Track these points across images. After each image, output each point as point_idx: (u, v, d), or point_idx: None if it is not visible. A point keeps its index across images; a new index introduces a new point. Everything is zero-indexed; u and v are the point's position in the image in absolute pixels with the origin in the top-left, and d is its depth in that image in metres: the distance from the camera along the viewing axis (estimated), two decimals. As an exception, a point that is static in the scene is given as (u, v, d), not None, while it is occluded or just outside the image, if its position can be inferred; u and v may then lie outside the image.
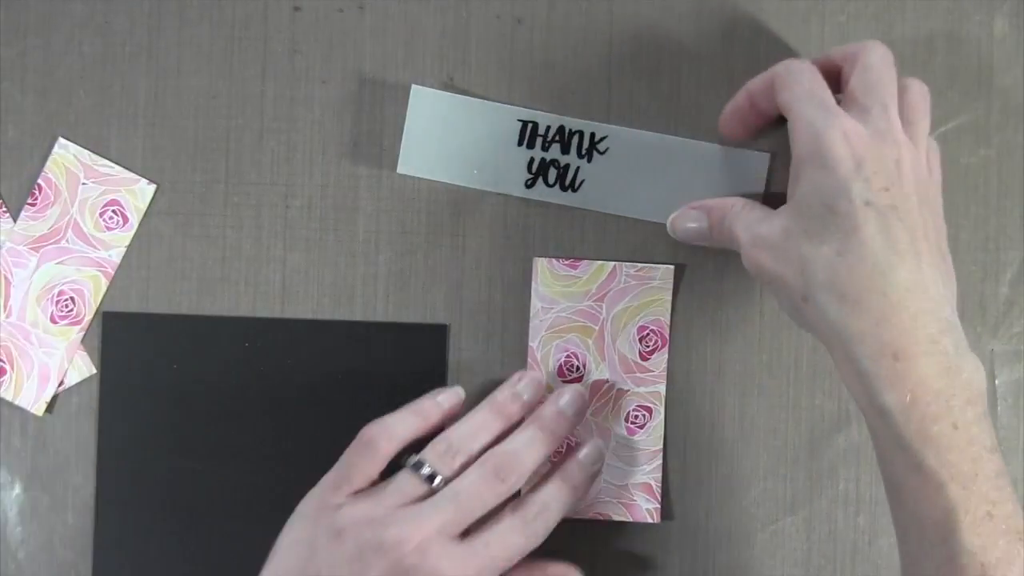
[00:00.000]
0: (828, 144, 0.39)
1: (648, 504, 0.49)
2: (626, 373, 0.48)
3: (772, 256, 0.40)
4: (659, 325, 0.48)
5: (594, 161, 0.48)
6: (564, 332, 0.48)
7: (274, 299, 0.52)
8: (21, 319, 0.51)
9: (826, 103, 0.41)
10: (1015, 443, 0.51)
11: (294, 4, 0.52)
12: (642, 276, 0.47)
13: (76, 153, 0.52)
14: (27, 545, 0.52)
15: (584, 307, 0.47)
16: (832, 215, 0.39)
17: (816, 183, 0.39)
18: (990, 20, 0.52)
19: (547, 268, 0.47)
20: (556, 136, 0.48)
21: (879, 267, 0.38)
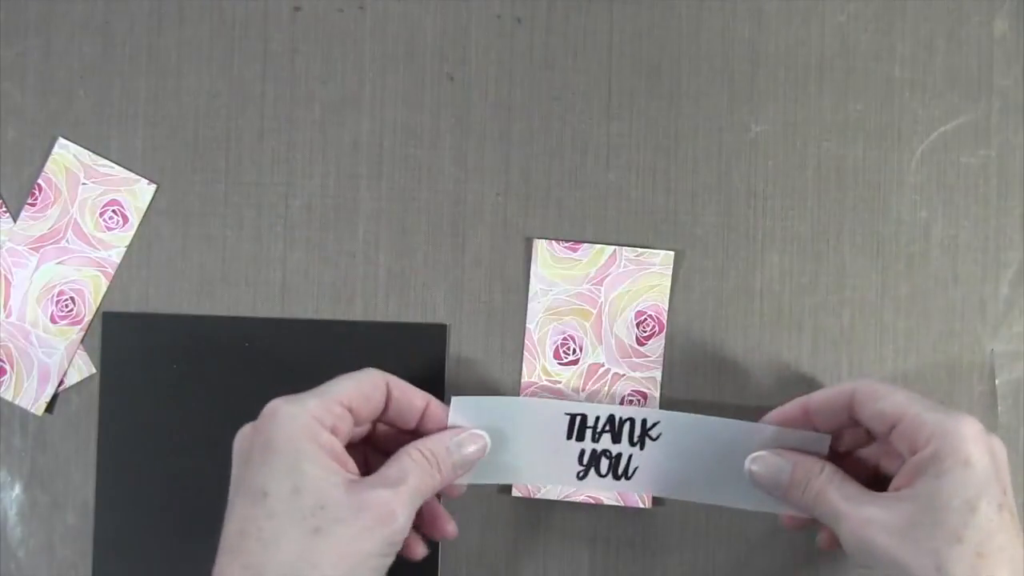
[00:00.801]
0: (969, 443, 0.39)
1: (642, 492, 0.49)
2: (622, 357, 0.48)
3: (895, 542, 0.39)
4: (657, 311, 0.48)
5: (646, 448, 0.46)
6: (562, 314, 0.48)
7: (274, 299, 0.52)
8: (21, 319, 0.51)
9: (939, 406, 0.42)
10: (1015, 443, 0.51)
11: (294, 4, 0.52)
12: (642, 261, 0.47)
13: (76, 153, 0.52)
14: (27, 545, 0.52)
15: (583, 290, 0.48)
16: (973, 515, 0.38)
17: (956, 481, 0.39)
18: (990, 20, 0.52)
19: (547, 249, 0.48)
20: (606, 426, 0.46)
21: (1016, 573, 0.39)
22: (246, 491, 0.40)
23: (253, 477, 0.40)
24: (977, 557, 0.38)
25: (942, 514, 0.39)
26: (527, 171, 0.52)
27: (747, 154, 0.52)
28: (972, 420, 0.40)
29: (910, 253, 0.51)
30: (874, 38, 0.52)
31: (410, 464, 0.42)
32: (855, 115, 0.52)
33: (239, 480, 0.41)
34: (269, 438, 0.40)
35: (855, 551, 0.41)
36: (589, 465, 0.46)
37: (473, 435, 0.45)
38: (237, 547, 0.39)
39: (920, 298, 0.51)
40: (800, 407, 0.45)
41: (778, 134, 0.52)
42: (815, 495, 0.43)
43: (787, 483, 0.44)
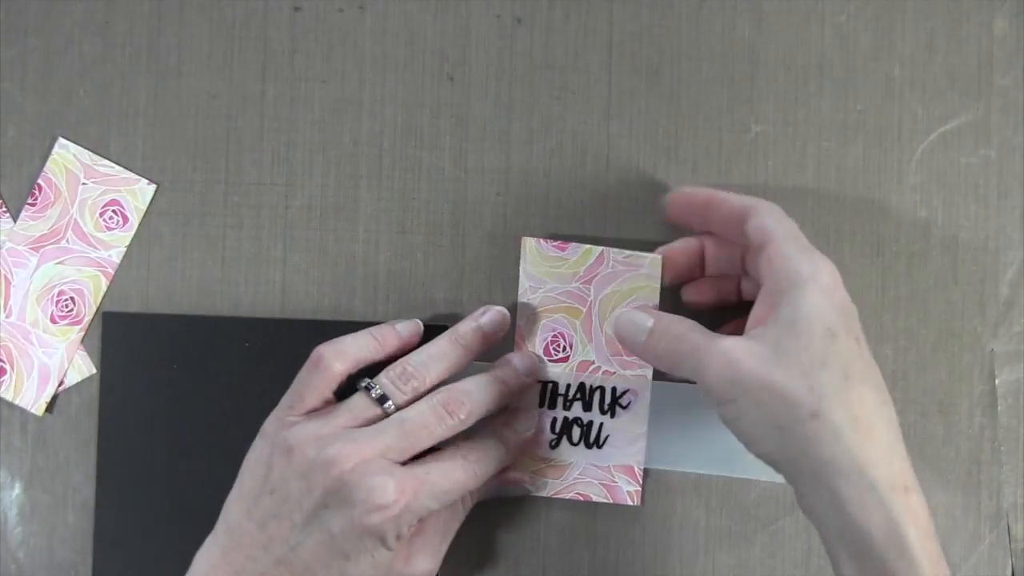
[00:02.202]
0: (830, 270, 0.40)
1: (629, 486, 0.49)
2: (613, 355, 0.48)
3: (764, 366, 0.39)
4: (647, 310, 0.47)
5: (617, 416, 0.48)
6: (551, 312, 0.48)
7: (274, 299, 0.52)
8: (21, 319, 0.51)
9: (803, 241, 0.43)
10: (1015, 443, 0.51)
11: (294, 4, 0.52)
12: (630, 263, 0.47)
13: (76, 153, 0.52)
14: (27, 545, 0.52)
15: (572, 288, 0.48)
16: (833, 340, 0.39)
17: (818, 307, 0.39)
18: (990, 20, 0.52)
19: (535, 247, 0.48)
20: (577, 395, 0.47)
21: (883, 398, 0.39)
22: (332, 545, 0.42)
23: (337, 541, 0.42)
24: (844, 378, 0.38)
25: (806, 339, 0.39)
26: (527, 171, 0.52)
27: (747, 154, 0.52)
28: (828, 261, 0.41)
29: (910, 253, 0.51)
30: (874, 38, 0.52)
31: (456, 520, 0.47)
32: (855, 115, 0.52)
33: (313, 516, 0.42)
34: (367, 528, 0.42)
35: (719, 383, 0.40)
36: (561, 433, 0.48)
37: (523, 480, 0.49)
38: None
39: (920, 298, 0.51)
40: (705, 197, 0.47)
41: (778, 134, 0.52)
42: (674, 337, 0.42)
43: (646, 336, 0.44)
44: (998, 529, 0.51)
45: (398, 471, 0.42)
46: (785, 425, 0.38)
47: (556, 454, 0.48)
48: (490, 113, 0.52)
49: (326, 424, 0.43)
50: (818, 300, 0.39)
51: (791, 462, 0.39)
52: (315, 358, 0.45)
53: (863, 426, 0.37)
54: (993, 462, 0.51)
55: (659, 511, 0.51)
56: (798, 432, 0.38)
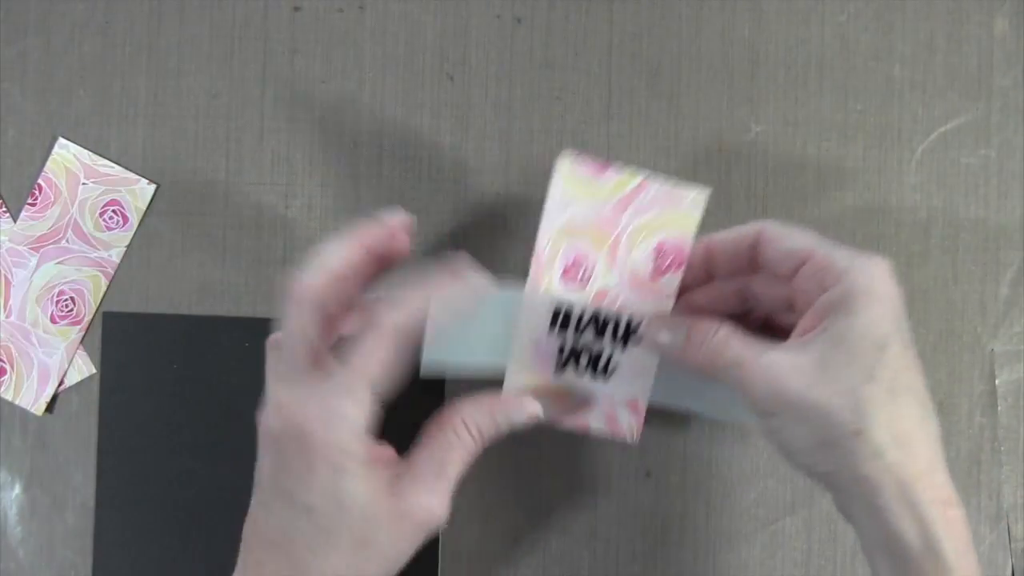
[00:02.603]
0: (881, 281, 0.39)
1: (630, 420, 0.46)
2: (634, 287, 0.45)
3: (807, 383, 0.38)
4: (681, 245, 0.44)
5: (628, 349, 0.45)
6: (577, 234, 0.45)
7: (274, 299, 0.52)
8: (21, 319, 0.51)
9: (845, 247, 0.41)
10: (1015, 443, 0.51)
11: (294, 4, 0.52)
12: (671, 196, 0.44)
13: (76, 153, 0.52)
14: (27, 545, 0.52)
15: (603, 213, 0.45)
16: (883, 353, 0.38)
17: (871, 320, 0.38)
18: (990, 20, 0.52)
19: (572, 167, 0.44)
20: (590, 322, 0.45)
21: (925, 413, 0.38)
22: (287, 499, 0.39)
23: (295, 488, 0.39)
24: (889, 394, 0.37)
25: (855, 353, 0.38)
26: (527, 171, 0.52)
27: (747, 154, 0.52)
28: (881, 258, 0.39)
29: (910, 253, 0.51)
30: (874, 38, 0.52)
31: (452, 451, 0.41)
32: (855, 115, 0.52)
33: (275, 480, 0.40)
34: (304, 445, 0.39)
35: (762, 397, 0.39)
36: (568, 358, 0.46)
37: (523, 403, 0.44)
38: (284, 546, 0.39)
39: (920, 298, 0.51)
40: (702, 248, 0.44)
41: (778, 134, 0.52)
42: (715, 348, 0.41)
43: (682, 343, 0.42)
44: (998, 529, 0.51)
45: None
46: (827, 442, 0.38)
47: (559, 379, 0.46)
48: (490, 113, 0.52)
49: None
50: (872, 313, 0.38)
51: (831, 475, 0.38)
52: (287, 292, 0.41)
53: (905, 442, 0.37)
54: (993, 462, 0.51)
55: (659, 511, 0.51)
56: (840, 449, 0.38)
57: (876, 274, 0.39)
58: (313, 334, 0.40)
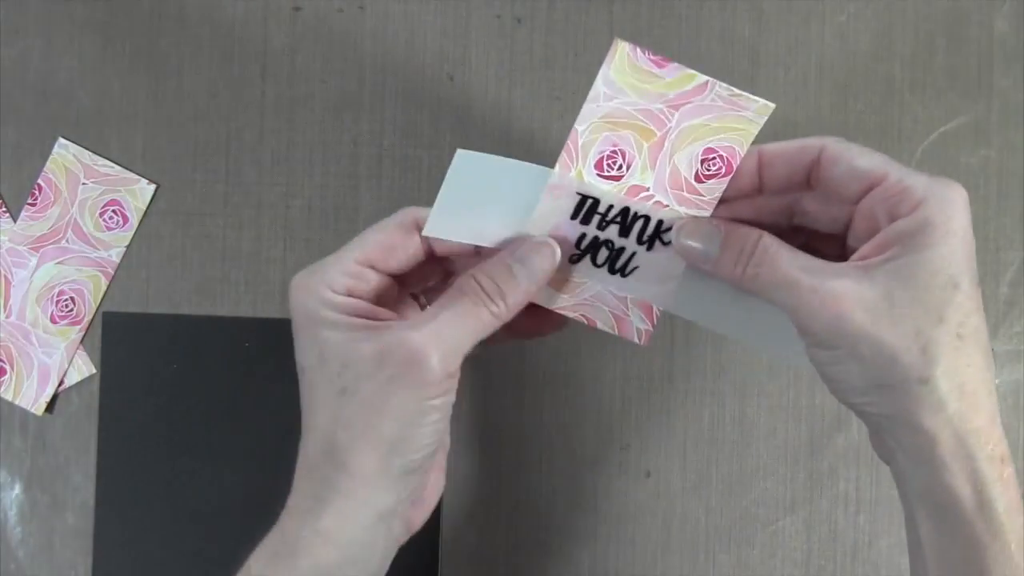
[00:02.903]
0: (961, 212, 0.36)
1: (641, 323, 0.43)
2: (673, 188, 0.41)
3: (872, 319, 0.35)
4: (731, 153, 0.41)
5: (654, 250, 0.41)
6: (620, 126, 0.41)
7: (274, 299, 0.52)
8: (21, 319, 0.51)
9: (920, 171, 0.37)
10: (1015, 443, 0.51)
11: (294, 4, 0.52)
12: (735, 102, 0.40)
13: (76, 153, 0.52)
14: (27, 545, 0.52)
15: (654, 109, 0.40)
16: (956, 292, 0.35)
17: (946, 256, 0.35)
18: (990, 20, 0.52)
19: (628, 54, 0.39)
20: (617, 217, 0.41)
21: (988, 361, 0.36)
22: (297, 371, 0.39)
23: (296, 357, 0.39)
24: (957, 339, 0.35)
25: (925, 290, 0.35)
26: (527, 171, 0.52)
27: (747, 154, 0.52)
28: (960, 186, 0.36)
29: (910, 253, 0.51)
30: (874, 38, 0.52)
31: (453, 295, 0.38)
32: (855, 115, 0.52)
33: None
34: (292, 316, 0.39)
35: (820, 328, 0.36)
36: (586, 251, 0.42)
37: (535, 244, 0.39)
38: (302, 423, 0.38)
39: (920, 298, 0.51)
40: (754, 156, 0.40)
41: (778, 134, 0.52)
42: (761, 265, 0.37)
43: (716, 252, 0.39)
44: (998, 529, 0.51)
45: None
46: (887, 384, 0.35)
47: (574, 271, 0.42)
48: (490, 113, 0.52)
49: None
50: (947, 249, 0.35)
51: (885, 418, 0.36)
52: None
53: (969, 393, 0.35)
54: (993, 462, 0.51)
55: (659, 511, 0.51)
56: (901, 394, 0.35)
57: (955, 205, 0.35)
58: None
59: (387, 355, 0.36)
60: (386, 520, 0.38)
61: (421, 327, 0.36)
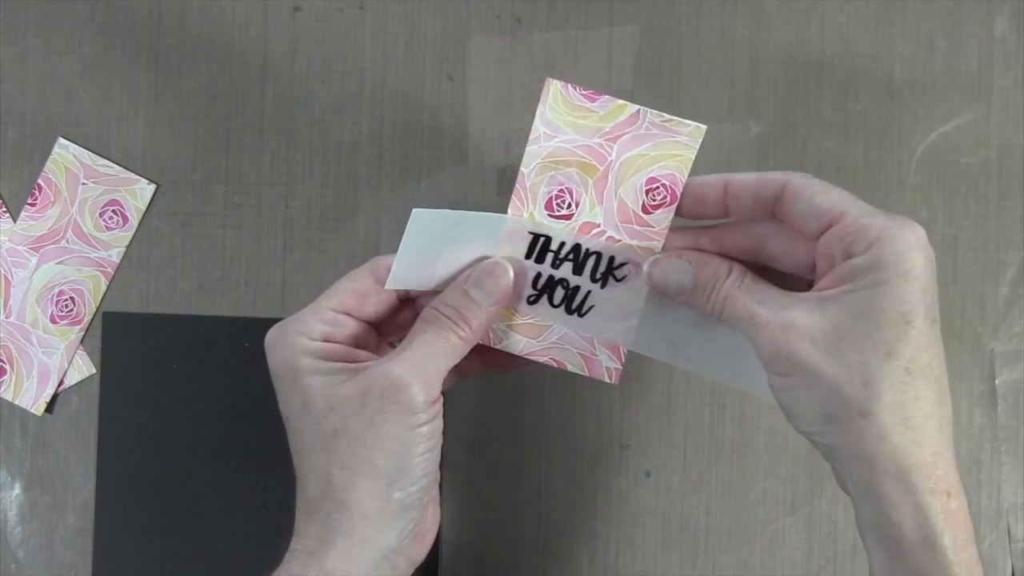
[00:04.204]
0: (915, 252, 0.36)
1: (610, 363, 0.44)
2: (623, 222, 0.42)
3: (819, 352, 0.36)
4: (673, 181, 0.42)
5: (608, 288, 0.42)
6: (563, 164, 0.42)
7: (274, 299, 0.52)
8: (21, 319, 0.51)
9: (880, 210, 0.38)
10: (1015, 443, 0.51)
11: (294, 4, 0.52)
12: (667, 128, 0.41)
13: (76, 153, 0.52)
14: (27, 545, 0.52)
15: (592, 143, 0.42)
16: (908, 328, 0.35)
17: (900, 293, 0.35)
18: (990, 20, 0.52)
19: (560, 92, 0.41)
20: (570, 255, 0.42)
21: (941, 395, 0.37)
22: (284, 420, 0.40)
23: (280, 408, 0.40)
24: (906, 374, 0.35)
25: (876, 326, 0.35)
26: (527, 171, 0.52)
27: (747, 154, 0.52)
28: (918, 227, 0.36)
29: (910, 253, 0.51)
30: (874, 38, 0.52)
31: (420, 326, 0.40)
32: (855, 115, 0.52)
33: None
34: (271, 369, 0.40)
35: (771, 359, 0.37)
36: (543, 291, 0.43)
37: (487, 267, 0.41)
38: (296, 469, 0.40)
39: (920, 298, 0.51)
40: (721, 183, 0.41)
41: (778, 134, 0.52)
42: (724, 298, 0.39)
43: (690, 286, 0.40)
44: (998, 529, 0.51)
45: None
46: (833, 415, 0.36)
47: (532, 311, 0.43)
48: (490, 113, 0.52)
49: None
50: (902, 287, 0.35)
51: (832, 448, 0.37)
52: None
53: (913, 427, 0.36)
54: (993, 462, 0.51)
55: (659, 511, 0.51)
56: (844, 424, 0.36)
57: (909, 245, 0.36)
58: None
59: (369, 391, 0.37)
60: (390, 558, 0.38)
61: (397, 359, 0.38)
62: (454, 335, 0.40)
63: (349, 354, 0.40)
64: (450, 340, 0.39)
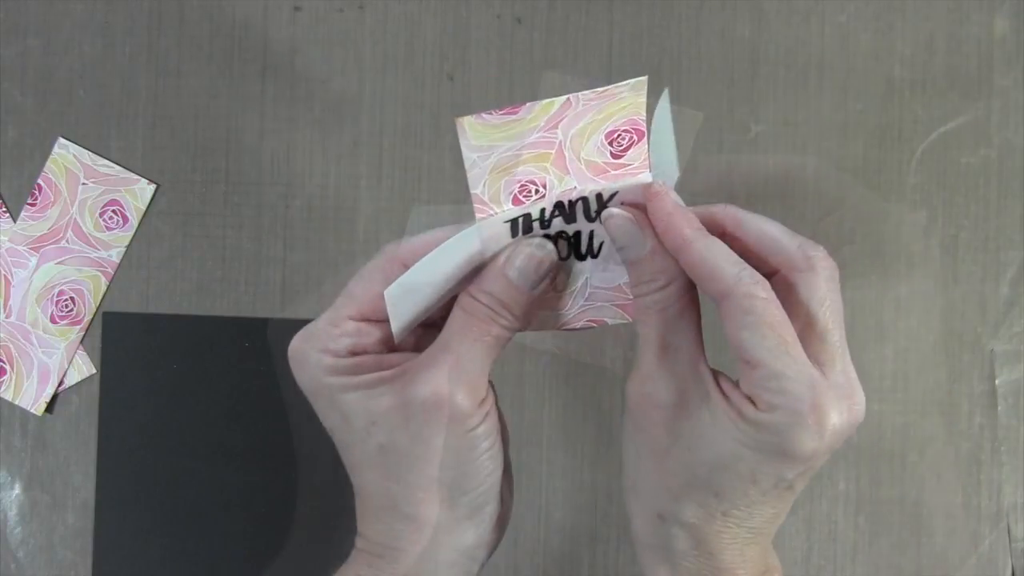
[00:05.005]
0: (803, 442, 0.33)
1: None
2: (598, 175, 0.39)
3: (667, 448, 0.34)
4: (634, 123, 0.38)
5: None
6: (512, 168, 0.39)
7: (274, 299, 0.52)
8: (21, 319, 0.51)
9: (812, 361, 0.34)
10: (1015, 443, 0.51)
11: (294, 4, 0.52)
12: (606, 95, 0.38)
13: (76, 153, 0.52)
14: (27, 545, 0.52)
15: (533, 139, 0.38)
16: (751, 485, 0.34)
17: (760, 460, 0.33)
18: (990, 20, 0.52)
19: (475, 124, 0.38)
20: (555, 212, 0.38)
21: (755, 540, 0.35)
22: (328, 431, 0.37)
23: (321, 420, 0.37)
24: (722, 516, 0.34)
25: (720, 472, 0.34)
26: (527, 171, 0.52)
27: (747, 154, 0.52)
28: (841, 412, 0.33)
29: (910, 253, 0.51)
30: (874, 38, 0.52)
31: (458, 317, 0.36)
32: (855, 115, 0.52)
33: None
34: (301, 387, 0.37)
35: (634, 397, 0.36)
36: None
37: (521, 244, 0.37)
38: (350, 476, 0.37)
39: (920, 298, 0.51)
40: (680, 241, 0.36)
41: (778, 134, 0.52)
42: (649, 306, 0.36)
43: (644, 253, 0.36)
44: (998, 529, 0.51)
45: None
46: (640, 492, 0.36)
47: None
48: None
49: None
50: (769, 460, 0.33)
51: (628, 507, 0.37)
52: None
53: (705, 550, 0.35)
54: (993, 462, 0.51)
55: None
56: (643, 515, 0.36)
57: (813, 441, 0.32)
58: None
59: (410, 405, 0.35)
60: (468, 554, 0.37)
61: (437, 364, 0.35)
62: (496, 325, 0.36)
63: (381, 362, 0.36)
64: (492, 332, 0.36)
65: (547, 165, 0.39)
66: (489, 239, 0.38)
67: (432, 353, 0.36)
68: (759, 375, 0.33)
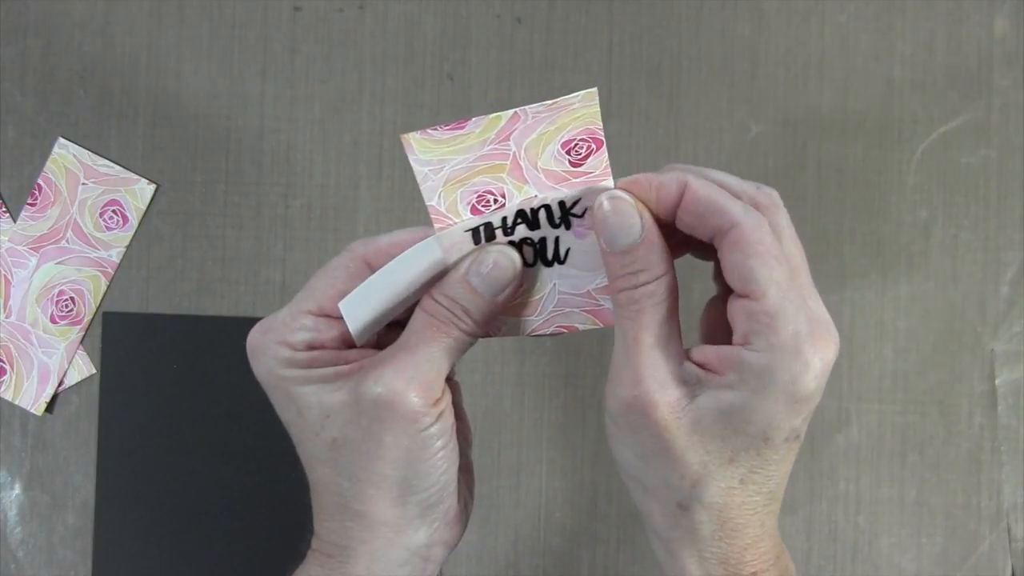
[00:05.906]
0: (806, 377, 0.33)
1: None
2: (558, 183, 0.38)
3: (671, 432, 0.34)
4: (590, 132, 0.38)
5: (573, 226, 0.38)
6: (467, 179, 0.38)
7: (274, 299, 0.52)
8: (21, 319, 0.51)
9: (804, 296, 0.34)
10: (1015, 443, 0.51)
11: (294, 4, 0.52)
12: (556, 107, 0.37)
13: (76, 153, 0.52)
14: (27, 545, 0.52)
15: (486, 152, 0.38)
16: (763, 444, 0.34)
17: (771, 407, 0.33)
18: (990, 20, 0.52)
19: (420, 139, 0.37)
20: (517, 220, 0.38)
21: (771, 498, 0.35)
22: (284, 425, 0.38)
23: (277, 413, 0.38)
24: (740, 481, 0.34)
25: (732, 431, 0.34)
26: (527, 171, 0.52)
27: (747, 154, 0.52)
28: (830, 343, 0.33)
29: (910, 253, 0.51)
30: (874, 38, 0.52)
31: (420, 319, 0.36)
32: (855, 115, 0.52)
33: None
34: (258, 378, 0.37)
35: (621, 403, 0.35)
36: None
37: (485, 251, 0.37)
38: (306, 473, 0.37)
39: (920, 298, 0.51)
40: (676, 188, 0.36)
41: (778, 134, 0.52)
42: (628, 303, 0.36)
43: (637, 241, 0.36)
44: (998, 529, 0.51)
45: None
46: (651, 489, 0.35)
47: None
48: (490, 113, 0.52)
49: None
50: (778, 407, 0.33)
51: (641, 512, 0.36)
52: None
53: (728, 529, 0.35)
54: (993, 462, 0.51)
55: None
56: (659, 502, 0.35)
57: (806, 369, 0.33)
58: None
59: (362, 400, 0.35)
60: (420, 553, 0.37)
61: (393, 362, 0.35)
62: (456, 329, 0.36)
63: (339, 357, 0.37)
64: (452, 335, 0.36)
65: (503, 176, 0.38)
66: (451, 248, 0.38)
67: (391, 352, 0.36)
68: (761, 308, 0.33)
